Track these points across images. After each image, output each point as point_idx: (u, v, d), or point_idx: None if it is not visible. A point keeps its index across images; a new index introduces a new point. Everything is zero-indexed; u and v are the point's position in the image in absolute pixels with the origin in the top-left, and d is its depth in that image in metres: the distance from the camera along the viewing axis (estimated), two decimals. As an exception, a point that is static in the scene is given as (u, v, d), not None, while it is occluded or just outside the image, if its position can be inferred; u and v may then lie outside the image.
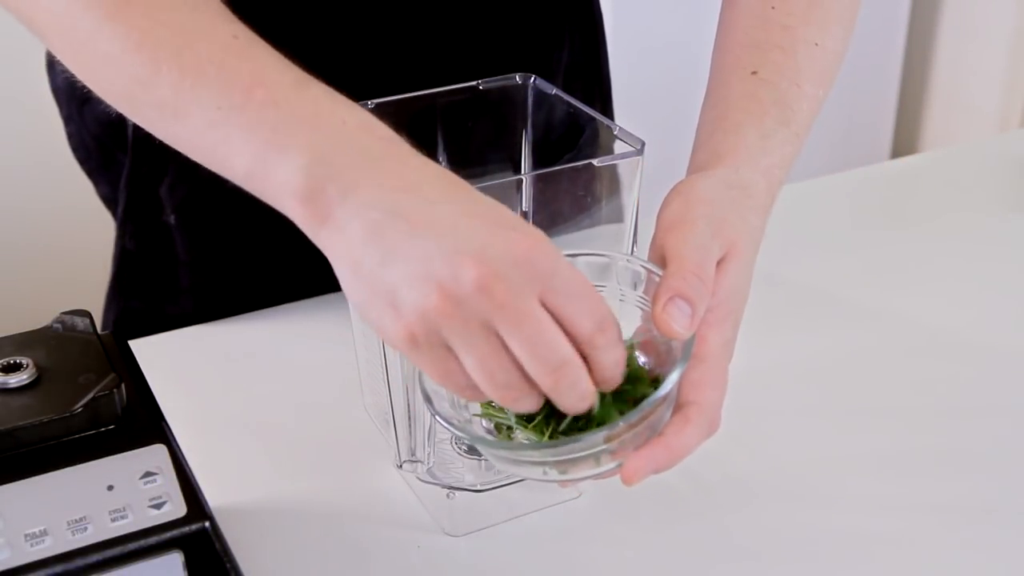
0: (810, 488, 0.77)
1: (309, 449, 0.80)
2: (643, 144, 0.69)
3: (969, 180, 1.18)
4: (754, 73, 0.71)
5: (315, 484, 0.77)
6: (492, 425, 0.63)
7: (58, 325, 0.66)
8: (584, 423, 0.59)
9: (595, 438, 0.58)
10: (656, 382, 0.61)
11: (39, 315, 0.79)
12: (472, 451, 0.73)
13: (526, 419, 0.61)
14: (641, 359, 0.63)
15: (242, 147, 0.56)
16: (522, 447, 0.60)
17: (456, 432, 0.60)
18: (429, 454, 0.70)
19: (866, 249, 1.05)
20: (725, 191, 0.65)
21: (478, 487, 0.71)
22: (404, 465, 0.71)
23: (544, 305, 0.53)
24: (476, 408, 0.63)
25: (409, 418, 0.68)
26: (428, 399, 0.61)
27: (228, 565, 0.58)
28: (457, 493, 0.71)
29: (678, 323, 0.59)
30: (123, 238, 0.98)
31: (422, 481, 0.71)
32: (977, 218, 1.10)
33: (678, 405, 0.60)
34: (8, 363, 0.62)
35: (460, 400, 0.62)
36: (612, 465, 0.59)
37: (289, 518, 0.74)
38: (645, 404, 0.58)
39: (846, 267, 1.02)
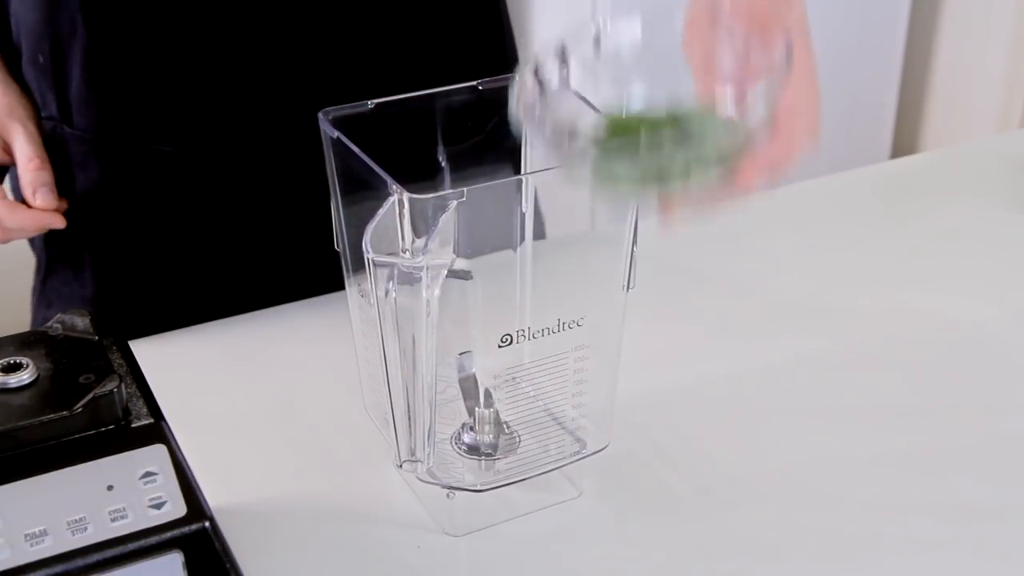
0: (809, 488, 0.77)
1: (309, 449, 0.80)
2: (643, 144, 0.69)
3: (969, 180, 1.18)
4: None
5: (315, 484, 0.77)
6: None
7: (58, 325, 0.66)
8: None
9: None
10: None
11: (39, 315, 0.79)
12: (472, 451, 0.73)
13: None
14: None
15: None
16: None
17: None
18: (429, 454, 0.70)
19: (865, 249, 1.05)
20: None
21: (478, 487, 0.71)
22: (404, 465, 0.71)
23: None
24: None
25: (409, 418, 0.68)
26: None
27: (228, 565, 0.58)
28: (457, 493, 0.71)
29: None
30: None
31: (422, 481, 0.71)
32: (977, 218, 1.10)
33: None
34: (8, 363, 0.62)
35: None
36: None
37: (289, 518, 0.74)
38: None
39: (846, 267, 1.02)
